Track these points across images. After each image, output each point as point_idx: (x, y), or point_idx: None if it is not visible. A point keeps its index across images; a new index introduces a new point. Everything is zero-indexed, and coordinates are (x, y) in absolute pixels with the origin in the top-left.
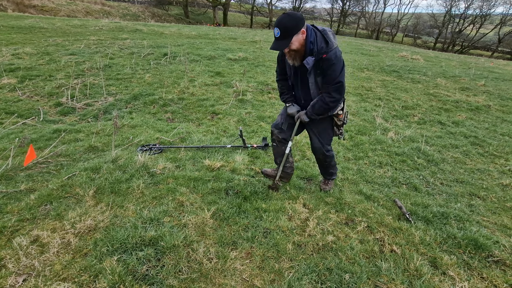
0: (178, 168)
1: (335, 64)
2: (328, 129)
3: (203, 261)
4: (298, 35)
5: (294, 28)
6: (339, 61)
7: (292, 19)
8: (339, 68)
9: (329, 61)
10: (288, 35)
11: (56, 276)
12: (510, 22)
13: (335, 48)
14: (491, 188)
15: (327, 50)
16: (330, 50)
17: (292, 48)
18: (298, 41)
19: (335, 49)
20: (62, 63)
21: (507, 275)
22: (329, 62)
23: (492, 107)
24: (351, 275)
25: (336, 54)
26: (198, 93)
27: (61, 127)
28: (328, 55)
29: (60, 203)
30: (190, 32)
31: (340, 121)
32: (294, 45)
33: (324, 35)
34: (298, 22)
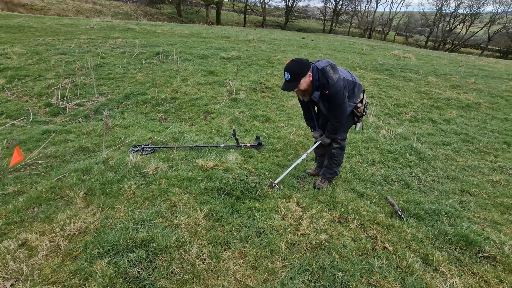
0: (171, 168)
1: (335, 97)
2: (348, 119)
3: (196, 262)
4: (306, 78)
5: (302, 72)
6: (339, 93)
7: (299, 66)
8: (339, 98)
9: (330, 95)
10: (297, 79)
11: (45, 280)
12: (499, 20)
13: (335, 83)
14: (481, 184)
15: (328, 87)
16: (331, 86)
17: (301, 88)
18: (305, 82)
19: (335, 84)
20: (52, 63)
21: (497, 271)
22: (330, 96)
23: (482, 105)
24: (344, 273)
25: (336, 88)
26: (191, 92)
27: (51, 128)
28: (329, 92)
29: (49, 205)
30: (182, 31)
31: (359, 112)
32: (303, 86)
33: (324, 73)
34: (304, 67)
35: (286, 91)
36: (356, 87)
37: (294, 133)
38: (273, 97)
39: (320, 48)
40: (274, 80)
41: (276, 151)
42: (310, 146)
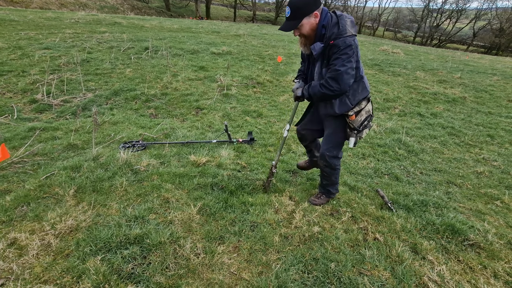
0: (163, 164)
1: (341, 51)
2: (337, 132)
3: (191, 257)
4: (310, 18)
5: (306, 8)
6: (347, 49)
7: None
8: (345, 56)
9: (335, 48)
10: (298, 16)
11: (37, 279)
12: (484, 17)
13: (347, 36)
14: (466, 176)
15: (336, 36)
16: (340, 36)
17: (302, 32)
18: (309, 24)
19: (346, 36)
20: (36, 58)
21: (481, 257)
22: (335, 49)
23: (467, 99)
24: (336, 263)
25: (345, 41)
26: (181, 88)
27: (37, 125)
28: (336, 42)
29: (38, 203)
30: (172, 26)
31: (352, 124)
32: (305, 29)
33: (340, 20)
34: (310, 3)
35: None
36: (361, 85)
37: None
38: (265, 93)
39: None
40: (266, 75)
41: (268, 146)
42: None
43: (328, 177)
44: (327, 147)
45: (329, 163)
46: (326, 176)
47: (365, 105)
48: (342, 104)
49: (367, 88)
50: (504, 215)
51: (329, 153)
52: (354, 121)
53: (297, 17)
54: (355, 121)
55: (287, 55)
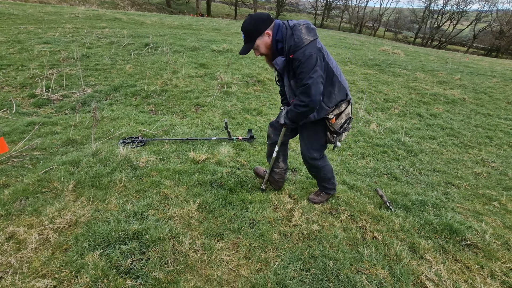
0: (162, 161)
1: (303, 64)
2: (318, 133)
3: (189, 253)
4: (263, 38)
5: (255, 31)
6: (309, 60)
7: (252, 22)
8: (309, 67)
9: (297, 61)
10: (251, 39)
11: (35, 273)
12: (484, 19)
13: (305, 45)
14: (465, 176)
15: (294, 49)
16: (298, 48)
17: (261, 51)
18: (263, 43)
19: (305, 46)
20: (35, 52)
21: (478, 257)
22: (297, 62)
23: (467, 100)
24: (335, 261)
25: (305, 53)
26: (181, 85)
27: (36, 120)
28: (295, 55)
29: (37, 198)
30: (172, 22)
31: (333, 128)
32: (261, 49)
33: (294, 31)
34: (259, 24)
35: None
36: (337, 86)
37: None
38: (265, 91)
39: None
40: (266, 73)
41: None
42: None
43: (317, 176)
44: (307, 149)
45: (311, 164)
46: (314, 175)
47: (345, 107)
48: (320, 108)
49: (345, 88)
50: (502, 216)
51: (310, 155)
52: (335, 124)
53: (251, 40)
54: (336, 124)
55: None
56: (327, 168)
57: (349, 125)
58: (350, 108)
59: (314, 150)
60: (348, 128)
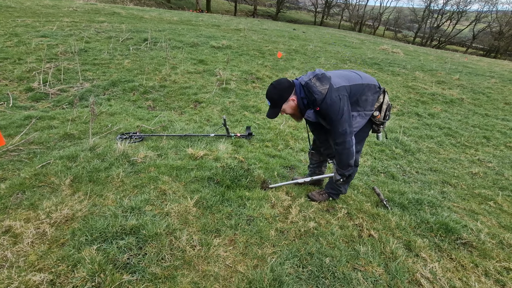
0: (160, 156)
1: (329, 113)
2: (365, 128)
3: (186, 249)
4: (288, 102)
5: (281, 98)
6: (333, 107)
7: (277, 92)
8: (335, 114)
9: (323, 111)
10: (278, 105)
11: (31, 267)
12: (484, 19)
13: (326, 96)
14: (461, 176)
15: (317, 103)
16: (321, 102)
17: (287, 113)
18: (289, 107)
19: (325, 97)
20: (32, 46)
21: (473, 256)
22: (323, 112)
23: (465, 100)
24: (331, 258)
25: (327, 102)
26: (180, 80)
27: (33, 114)
28: (321, 107)
29: (33, 192)
30: (171, 18)
31: (379, 121)
32: (287, 111)
33: (310, 89)
34: (283, 93)
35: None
36: (369, 91)
37: (284, 124)
38: (264, 88)
39: (311, 40)
40: (265, 71)
41: (266, 141)
42: (299, 137)
43: (350, 175)
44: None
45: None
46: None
47: (383, 98)
48: (366, 116)
49: (375, 85)
50: (497, 215)
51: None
52: (380, 118)
53: (277, 106)
54: (381, 118)
55: (287, 51)
56: (357, 169)
57: (389, 112)
58: (387, 97)
59: (358, 143)
60: (389, 115)
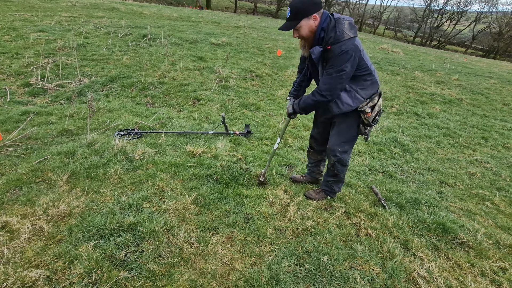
0: (158, 153)
1: (336, 57)
2: (351, 126)
3: (184, 246)
4: (309, 20)
5: (305, 10)
6: (343, 55)
7: (306, 1)
8: (341, 62)
9: (331, 53)
10: (298, 17)
11: (28, 263)
12: (484, 20)
13: (345, 40)
14: (459, 176)
15: (333, 41)
16: (338, 41)
17: (301, 33)
18: (308, 26)
19: (344, 41)
20: (30, 40)
21: (469, 256)
22: (331, 54)
23: (464, 101)
24: (328, 257)
25: (342, 47)
26: (179, 77)
27: (30, 109)
28: (332, 47)
29: (30, 188)
30: (171, 14)
31: (367, 120)
32: (303, 30)
33: (337, 24)
34: (310, 5)
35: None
36: (370, 79)
37: (283, 123)
38: (263, 86)
39: None
40: (264, 68)
41: (265, 139)
42: (298, 135)
43: (338, 174)
44: (339, 143)
45: (341, 158)
46: (335, 173)
47: (377, 100)
48: (355, 99)
49: (377, 82)
50: (494, 215)
51: (341, 149)
52: (370, 117)
53: (297, 18)
54: (371, 117)
55: (287, 49)
56: (346, 169)
57: (379, 117)
58: (381, 101)
59: (346, 143)
60: (378, 120)
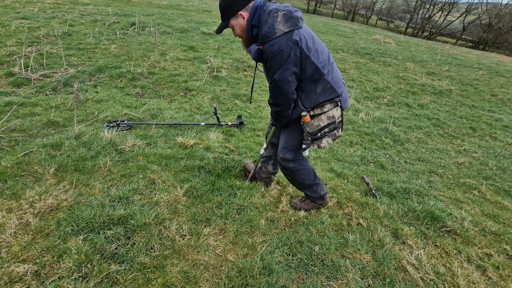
0: (149, 145)
1: (271, 59)
2: (294, 132)
3: (176, 238)
4: (237, 19)
5: (229, 9)
6: (278, 56)
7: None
8: (278, 64)
9: (265, 54)
10: (226, 17)
11: (15, 258)
12: (474, 11)
13: (276, 37)
14: (448, 166)
15: (263, 39)
16: (268, 40)
17: (236, 33)
18: (238, 25)
19: (275, 39)
20: (12, 28)
21: (457, 243)
22: (265, 55)
23: (453, 92)
24: (320, 246)
25: (273, 47)
26: (170, 67)
27: (14, 100)
28: (264, 47)
29: (15, 181)
30: (160, 2)
31: (306, 127)
32: (236, 30)
33: (268, 18)
34: (233, 3)
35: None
36: (320, 84)
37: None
38: (256, 76)
39: None
40: None
41: (257, 130)
42: None
43: (293, 181)
44: (281, 149)
45: (283, 166)
46: (289, 180)
47: (328, 109)
48: (294, 106)
49: (334, 88)
50: (480, 204)
51: (282, 155)
52: (308, 124)
53: (225, 18)
54: (309, 124)
55: None
56: (303, 172)
57: (333, 131)
58: (338, 111)
59: (288, 150)
60: (331, 135)
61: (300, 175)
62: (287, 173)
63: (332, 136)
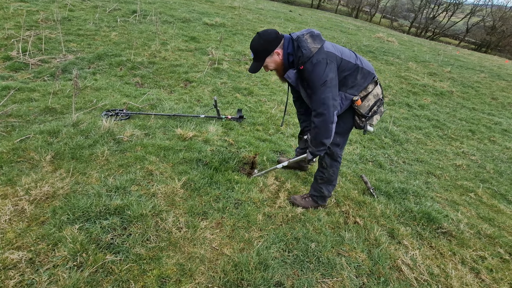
0: (148, 136)
1: (312, 73)
2: (344, 118)
3: (172, 230)
4: (272, 57)
5: (265, 51)
6: (319, 67)
7: (262, 43)
8: (319, 74)
9: (307, 72)
10: (261, 58)
11: (9, 245)
12: (478, 13)
13: (313, 55)
14: (446, 167)
15: (303, 60)
16: (307, 59)
17: (270, 68)
18: (273, 62)
19: (312, 56)
20: (10, 11)
21: (452, 244)
22: (306, 73)
23: (454, 93)
24: (317, 244)
25: (313, 62)
26: (170, 58)
27: (11, 84)
28: (305, 66)
29: (11, 167)
30: None
31: (359, 110)
32: (271, 65)
33: (300, 43)
34: (268, 45)
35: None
36: (359, 73)
37: (276, 108)
38: (258, 75)
39: (307, 23)
40: None
41: (257, 125)
42: (290, 122)
43: (326, 170)
44: None
45: (332, 150)
46: (324, 168)
47: (372, 88)
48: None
49: (370, 71)
50: (477, 206)
51: (333, 140)
52: (361, 107)
53: (260, 59)
54: (362, 107)
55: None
56: (338, 168)
57: (380, 108)
58: (379, 88)
59: (338, 134)
60: (379, 112)
61: (335, 167)
62: (327, 161)
63: (379, 113)
